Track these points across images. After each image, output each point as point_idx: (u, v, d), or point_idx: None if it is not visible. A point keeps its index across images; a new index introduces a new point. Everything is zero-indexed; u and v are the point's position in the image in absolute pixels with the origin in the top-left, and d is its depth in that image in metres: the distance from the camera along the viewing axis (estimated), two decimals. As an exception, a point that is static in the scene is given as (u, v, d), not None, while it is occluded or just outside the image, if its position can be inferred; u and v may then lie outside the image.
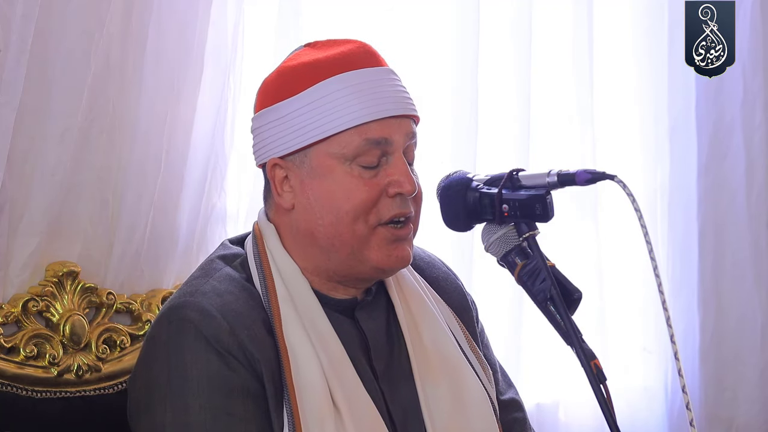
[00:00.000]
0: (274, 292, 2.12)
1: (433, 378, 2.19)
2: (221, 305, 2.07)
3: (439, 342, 2.22)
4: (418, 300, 2.25)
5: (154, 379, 2.07)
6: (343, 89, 2.10)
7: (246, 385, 2.04)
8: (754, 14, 3.55)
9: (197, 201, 2.62)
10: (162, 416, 2.04)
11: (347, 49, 2.15)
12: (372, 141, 2.09)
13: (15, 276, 2.41)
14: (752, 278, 3.60)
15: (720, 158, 3.58)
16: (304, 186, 2.12)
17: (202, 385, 2.03)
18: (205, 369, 2.03)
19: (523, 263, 2.07)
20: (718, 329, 3.56)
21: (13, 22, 2.33)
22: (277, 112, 2.13)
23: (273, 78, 2.18)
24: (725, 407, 3.56)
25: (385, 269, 2.15)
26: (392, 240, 2.12)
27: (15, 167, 2.38)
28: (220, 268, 2.16)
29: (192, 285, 2.14)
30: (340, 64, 2.12)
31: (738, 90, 3.57)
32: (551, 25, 3.27)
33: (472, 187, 2.12)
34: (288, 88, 2.13)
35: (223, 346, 2.04)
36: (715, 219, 3.57)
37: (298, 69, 2.14)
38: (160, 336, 2.09)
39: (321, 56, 2.14)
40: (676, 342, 2.01)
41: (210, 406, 2.02)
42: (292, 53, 2.21)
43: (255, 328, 2.08)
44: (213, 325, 2.05)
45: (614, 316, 3.35)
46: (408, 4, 2.97)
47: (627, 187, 2.00)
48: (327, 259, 2.14)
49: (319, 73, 2.12)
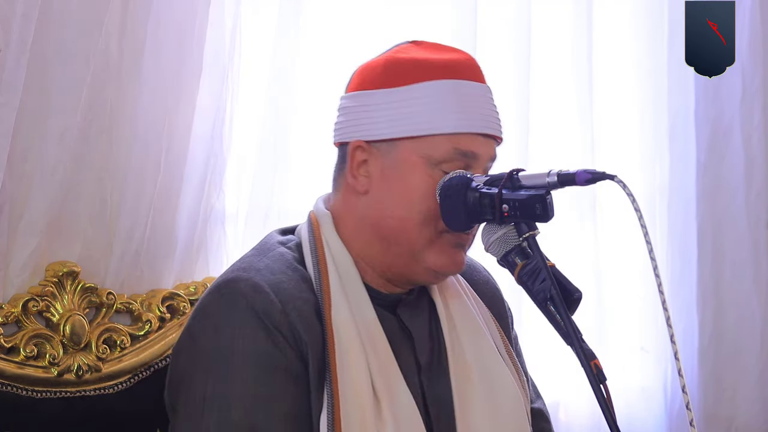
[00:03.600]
0: (326, 278, 2.14)
1: (468, 377, 2.21)
2: (274, 283, 2.10)
3: (477, 343, 2.25)
4: (459, 301, 2.28)
5: (202, 350, 2.08)
6: (447, 95, 2.13)
7: (289, 364, 2.06)
8: (753, 14, 3.56)
9: (197, 201, 2.62)
10: (203, 387, 2.05)
11: (456, 57, 2.19)
12: (461, 152, 2.13)
13: (15, 276, 2.41)
14: (751, 278, 3.60)
15: (719, 158, 3.58)
16: (384, 175, 2.14)
17: (247, 360, 2.04)
18: (251, 344, 2.05)
19: (523, 263, 2.07)
20: (717, 329, 3.56)
21: (13, 22, 2.33)
22: (376, 97, 2.16)
23: (378, 65, 2.19)
24: (724, 407, 3.56)
25: (439, 272, 2.19)
26: (454, 245, 2.16)
27: (15, 167, 2.38)
28: (275, 249, 2.18)
29: (246, 261, 2.16)
30: (449, 70, 2.15)
31: (737, 89, 3.58)
32: (550, 24, 3.27)
33: (472, 187, 2.12)
34: (393, 79, 2.15)
35: (273, 323, 2.06)
36: (713, 219, 3.57)
37: (407, 63, 2.16)
38: (210, 308, 2.11)
39: (431, 57, 2.17)
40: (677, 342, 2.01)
41: (252, 381, 2.04)
42: (398, 46, 2.23)
43: (305, 309, 2.10)
44: (265, 301, 2.07)
45: (612, 316, 3.35)
46: (408, 4, 2.97)
47: (627, 187, 2.00)
48: (386, 251, 2.17)
49: (427, 72, 2.14)
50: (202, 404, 2.05)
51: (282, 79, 2.76)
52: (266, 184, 2.74)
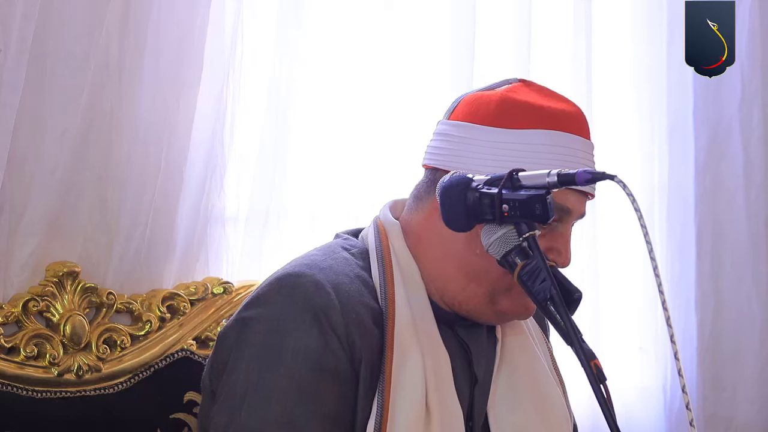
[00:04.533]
0: (392, 286, 2.13)
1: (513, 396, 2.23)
2: (336, 283, 2.08)
3: (531, 367, 2.27)
4: (518, 327, 2.29)
5: (249, 338, 2.07)
6: (556, 147, 2.13)
7: (338, 367, 2.05)
8: (753, 14, 3.56)
9: (197, 201, 2.62)
10: (247, 376, 2.04)
11: (568, 109, 2.18)
12: (558, 206, 2.11)
13: (15, 276, 2.41)
14: (750, 278, 3.60)
15: (718, 158, 3.59)
16: None
17: (296, 357, 2.03)
18: (303, 341, 2.03)
19: (523, 263, 2.06)
20: (716, 329, 3.56)
21: (13, 22, 2.32)
22: (484, 134, 2.15)
23: (492, 101, 2.18)
24: (724, 407, 3.56)
25: (509, 315, 2.20)
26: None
27: (15, 167, 2.38)
28: (339, 252, 2.17)
29: (310, 258, 2.15)
30: (560, 121, 2.15)
31: (736, 90, 3.58)
32: (550, 24, 3.27)
33: (472, 187, 2.11)
34: (505, 119, 2.15)
35: (329, 322, 2.04)
36: (713, 219, 3.58)
37: (521, 106, 2.16)
38: (267, 298, 2.09)
39: (545, 104, 2.16)
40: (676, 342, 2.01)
41: (297, 377, 2.02)
42: (508, 85, 2.22)
43: (363, 313, 2.09)
44: (325, 298, 2.06)
45: (610, 316, 3.36)
46: (407, 4, 2.97)
47: (627, 187, 1.99)
48: (463, 287, 2.17)
49: (540, 121, 2.14)
50: (243, 393, 2.04)
51: (283, 80, 2.76)
52: (267, 184, 2.74)
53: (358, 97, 2.87)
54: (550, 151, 2.13)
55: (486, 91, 2.22)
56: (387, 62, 2.92)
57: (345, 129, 2.86)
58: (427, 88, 3.00)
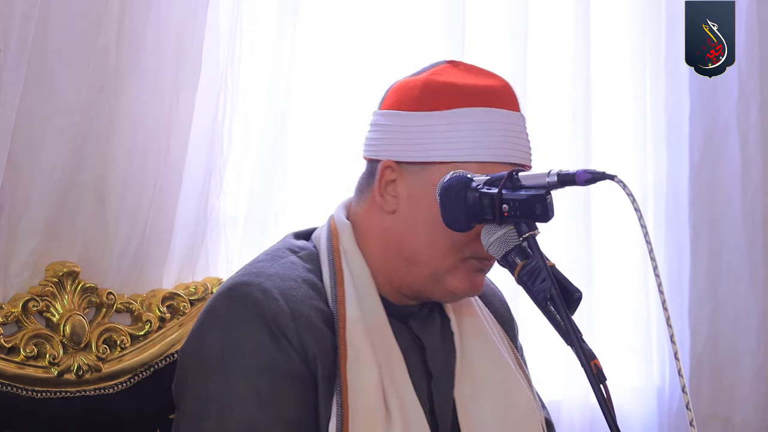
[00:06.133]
0: (342, 290, 2.13)
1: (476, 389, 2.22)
2: (284, 289, 2.09)
3: (490, 355, 2.26)
4: (472, 313, 2.28)
5: (206, 351, 2.08)
6: (481, 123, 2.12)
7: (296, 370, 2.06)
8: (750, 14, 3.56)
9: (197, 201, 2.62)
10: (207, 388, 2.05)
11: (494, 82, 2.18)
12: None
13: (15, 276, 2.41)
14: (747, 278, 3.60)
15: (715, 158, 3.59)
16: (412, 197, 2.14)
17: (252, 364, 2.04)
18: (257, 348, 2.04)
19: (523, 263, 2.06)
20: (713, 329, 3.56)
21: (12, 22, 2.33)
22: (411, 119, 2.14)
23: (416, 85, 2.17)
24: (722, 407, 3.56)
25: (458, 294, 2.19)
26: (476, 270, 2.16)
27: (14, 167, 2.38)
28: (286, 256, 2.17)
29: (257, 266, 2.15)
30: (486, 97, 2.15)
31: (734, 90, 3.58)
32: (547, 24, 3.27)
33: (472, 187, 2.11)
34: (431, 102, 2.14)
35: (280, 328, 2.05)
36: (710, 219, 3.58)
37: (446, 87, 2.15)
38: (219, 310, 2.11)
39: (469, 82, 2.16)
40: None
41: (257, 385, 2.03)
42: (435, 67, 2.21)
43: (313, 316, 2.09)
44: (273, 306, 2.06)
45: (604, 316, 3.36)
46: (408, 4, 2.97)
47: (627, 187, 1.99)
48: (407, 271, 2.16)
49: (465, 99, 2.13)
50: (205, 404, 2.05)
51: (281, 80, 2.76)
52: (266, 185, 2.74)
53: (357, 97, 2.87)
54: (476, 128, 2.12)
55: (412, 77, 2.22)
56: (385, 62, 2.92)
57: (343, 129, 2.86)
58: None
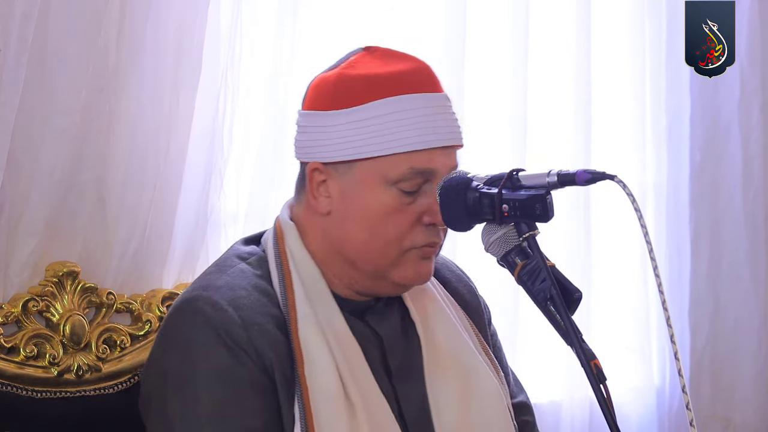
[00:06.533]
0: (291, 293, 2.12)
1: (443, 376, 2.20)
2: (233, 299, 2.09)
3: (452, 341, 2.24)
4: (432, 300, 2.26)
5: (166, 370, 2.08)
6: (397, 113, 2.09)
7: (255, 378, 2.05)
8: (752, 14, 3.56)
9: (197, 201, 2.62)
10: (172, 407, 2.05)
11: (407, 67, 2.15)
12: (417, 170, 2.09)
13: (15, 276, 2.41)
14: (749, 278, 3.60)
15: (717, 157, 3.58)
16: (344, 197, 2.12)
17: (212, 378, 2.04)
18: (214, 362, 2.04)
19: (523, 263, 2.07)
20: (714, 329, 3.56)
21: (12, 22, 2.33)
22: (328, 119, 2.12)
23: (330, 81, 2.15)
24: (722, 407, 3.56)
25: (406, 285, 2.18)
26: (420, 258, 2.14)
27: (14, 167, 2.38)
28: (235, 265, 2.16)
29: (206, 279, 2.15)
30: (398, 84, 2.11)
31: (735, 89, 3.58)
32: (548, 24, 3.27)
33: (472, 187, 2.12)
34: (343, 99, 2.12)
35: (233, 340, 2.05)
36: (711, 218, 3.57)
37: (356, 81, 2.12)
38: (173, 328, 2.11)
39: (380, 71, 2.13)
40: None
41: (219, 399, 2.03)
42: (350, 57, 2.19)
43: (266, 323, 2.08)
44: (224, 318, 2.06)
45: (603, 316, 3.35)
46: (408, 4, 2.97)
47: (627, 187, 2.00)
48: (351, 269, 2.15)
49: (376, 90, 2.10)
50: (170, 424, 2.05)
51: (281, 80, 2.76)
52: (266, 184, 2.74)
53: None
54: (394, 119, 2.09)
55: (327, 71, 2.19)
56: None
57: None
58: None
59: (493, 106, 3.18)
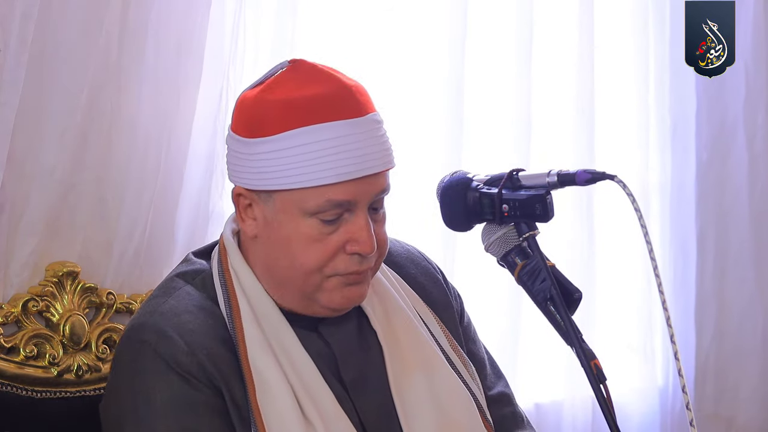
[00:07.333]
0: (238, 313, 2.08)
1: (409, 382, 2.15)
2: (178, 325, 2.04)
3: (416, 344, 2.19)
4: (392, 303, 2.21)
5: (121, 404, 2.05)
6: (312, 144, 2.00)
7: (211, 401, 2.02)
8: (757, 12, 3.55)
9: (197, 200, 2.62)
10: None
11: (325, 91, 2.04)
12: (334, 203, 2.02)
13: (15, 276, 2.41)
14: (753, 278, 3.60)
15: (723, 156, 3.58)
16: (267, 224, 2.07)
17: (167, 408, 2.00)
18: (168, 390, 2.00)
19: (523, 263, 2.07)
20: (719, 328, 3.56)
21: (12, 22, 2.32)
22: (247, 147, 2.05)
23: (250, 105, 2.07)
24: (725, 407, 3.56)
25: (336, 309, 2.12)
26: (344, 285, 2.08)
27: (15, 167, 2.38)
28: (180, 287, 2.12)
29: (151, 305, 2.11)
30: (314, 111, 2.01)
31: (740, 88, 3.58)
32: (552, 23, 3.26)
33: (472, 187, 2.12)
34: (260, 127, 2.04)
35: (182, 367, 2.01)
36: (717, 218, 3.57)
37: (272, 107, 2.03)
38: (123, 358, 2.08)
39: (297, 95, 2.03)
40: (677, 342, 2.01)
41: (177, 427, 1.99)
42: (275, 73, 2.09)
43: (214, 347, 2.04)
44: (170, 345, 2.02)
45: (606, 316, 3.35)
46: (408, 5, 2.97)
47: (627, 187, 2.00)
48: (284, 290, 2.10)
49: (292, 119, 2.01)
50: None
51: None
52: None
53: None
54: (307, 150, 2.00)
55: (251, 89, 2.10)
56: (385, 62, 2.92)
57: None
58: (427, 87, 3.00)
59: (497, 107, 3.17)
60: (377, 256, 2.10)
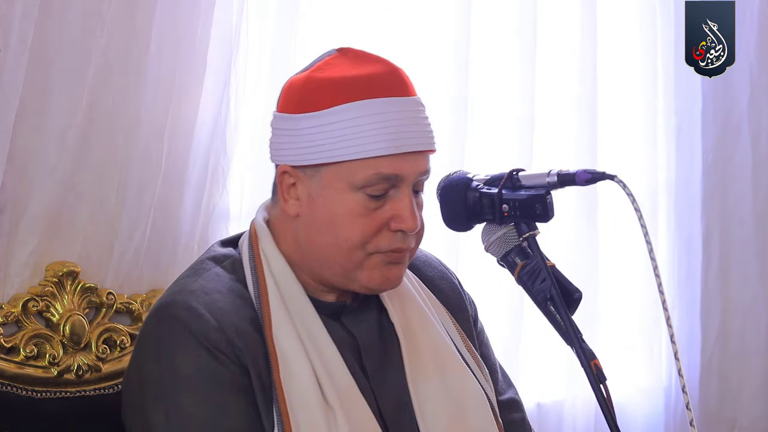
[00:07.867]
0: (265, 295, 2.11)
1: (425, 376, 2.18)
2: (208, 302, 2.08)
3: (432, 340, 2.22)
4: (411, 300, 2.24)
5: (146, 378, 2.07)
6: (363, 117, 2.06)
7: (237, 379, 2.05)
8: (762, 12, 3.55)
9: (198, 200, 2.62)
10: (155, 415, 2.04)
11: (376, 70, 2.11)
12: (383, 176, 2.06)
13: (15, 276, 2.41)
14: (758, 277, 3.60)
15: (727, 157, 3.58)
16: (312, 201, 2.10)
17: (194, 381, 2.03)
18: (195, 365, 2.03)
19: (523, 263, 2.07)
20: (723, 329, 3.55)
21: (12, 22, 2.32)
22: (296, 123, 2.10)
23: (300, 85, 2.13)
24: (729, 407, 3.55)
25: (374, 289, 2.15)
26: (386, 263, 2.12)
27: (15, 167, 2.38)
28: (210, 268, 2.16)
29: (180, 284, 2.14)
30: (366, 88, 2.08)
31: (745, 88, 3.57)
32: (556, 24, 3.26)
33: (472, 187, 2.12)
34: (310, 102, 2.09)
35: (212, 343, 2.04)
36: (721, 218, 3.57)
37: (324, 85, 2.09)
38: (150, 335, 2.11)
39: (348, 74, 2.09)
40: (677, 342, 2.01)
41: (203, 401, 2.02)
42: (323, 58, 2.16)
43: (242, 325, 2.08)
44: (200, 321, 2.05)
45: (610, 316, 3.35)
46: (408, 5, 2.96)
47: (627, 187, 2.00)
48: (321, 270, 2.14)
49: (343, 94, 2.07)
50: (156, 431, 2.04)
51: (284, 79, 2.74)
52: (268, 184, 2.72)
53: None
54: (360, 123, 2.05)
55: (299, 74, 2.17)
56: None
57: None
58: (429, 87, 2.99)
59: (501, 106, 3.17)
60: (417, 239, 2.14)
